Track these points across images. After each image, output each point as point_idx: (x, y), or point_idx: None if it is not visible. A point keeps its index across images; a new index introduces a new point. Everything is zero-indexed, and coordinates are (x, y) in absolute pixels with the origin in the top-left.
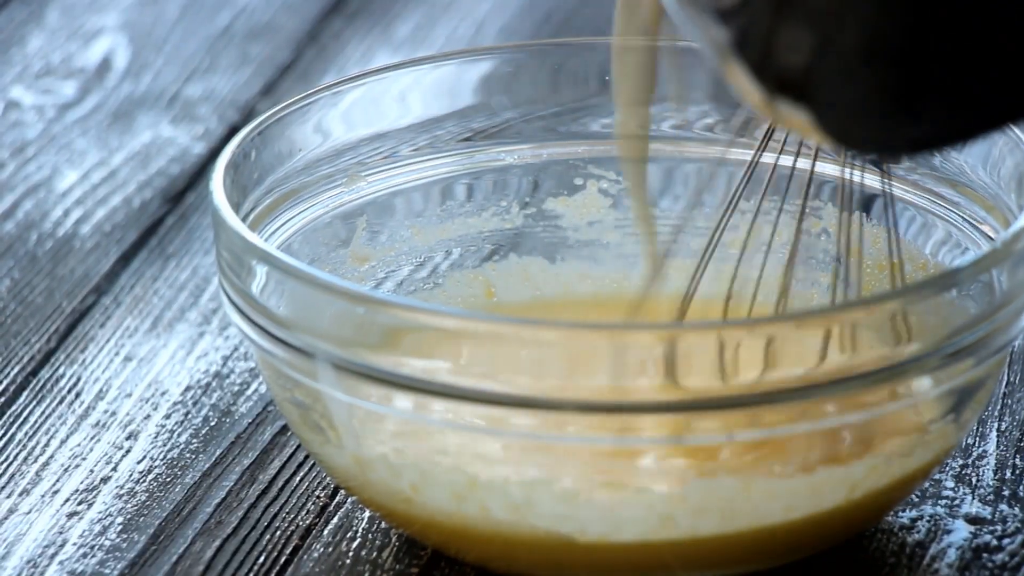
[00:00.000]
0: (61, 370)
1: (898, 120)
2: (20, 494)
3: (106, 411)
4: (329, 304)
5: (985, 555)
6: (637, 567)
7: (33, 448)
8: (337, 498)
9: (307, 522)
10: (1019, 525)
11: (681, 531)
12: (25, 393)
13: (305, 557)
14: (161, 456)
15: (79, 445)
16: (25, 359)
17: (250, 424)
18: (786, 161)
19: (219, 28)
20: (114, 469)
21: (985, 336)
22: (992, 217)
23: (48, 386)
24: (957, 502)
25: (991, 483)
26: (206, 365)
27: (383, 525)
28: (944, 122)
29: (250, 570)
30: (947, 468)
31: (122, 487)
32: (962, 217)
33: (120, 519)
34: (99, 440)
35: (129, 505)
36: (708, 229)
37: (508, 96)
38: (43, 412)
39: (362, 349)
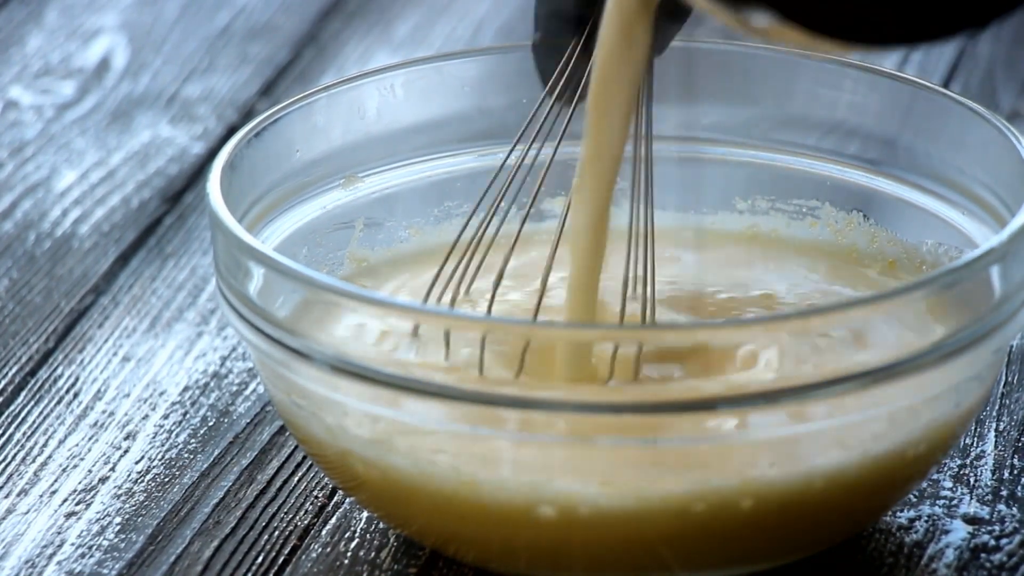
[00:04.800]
0: (59, 370)
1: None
2: (18, 494)
3: (104, 411)
4: (326, 305)
5: (983, 555)
6: (636, 566)
7: (31, 448)
8: (335, 498)
9: (305, 522)
10: (1017, 525)
11: (680, 530)
12: (23, 393)
13: (303, 557)
14: (159, 456)
15: (77, 445)
16: (23, 359)
17: (248, 424)
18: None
19: (218, 28)
20: (112, 469)
21: (983, 335)
22: (991, 216)
23: (46, 386)
24: (955, 502)
25: (989, 483)
26: (204, 365)
27: (381, 525)
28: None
29: (248, 570)
30: (945, 468)
31: (120, 487)
32: (961, 216)
33: (118, 519)
34: (97, 440)
35: (127, 505)
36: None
37: (507, 96)
38: (41, 412)
39: (359, 350)
